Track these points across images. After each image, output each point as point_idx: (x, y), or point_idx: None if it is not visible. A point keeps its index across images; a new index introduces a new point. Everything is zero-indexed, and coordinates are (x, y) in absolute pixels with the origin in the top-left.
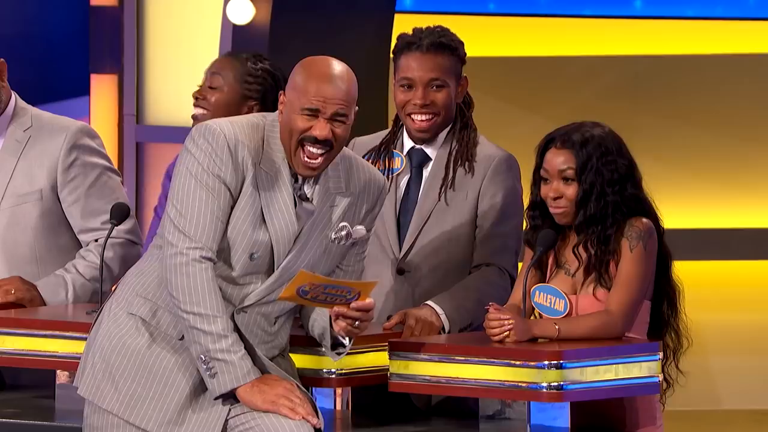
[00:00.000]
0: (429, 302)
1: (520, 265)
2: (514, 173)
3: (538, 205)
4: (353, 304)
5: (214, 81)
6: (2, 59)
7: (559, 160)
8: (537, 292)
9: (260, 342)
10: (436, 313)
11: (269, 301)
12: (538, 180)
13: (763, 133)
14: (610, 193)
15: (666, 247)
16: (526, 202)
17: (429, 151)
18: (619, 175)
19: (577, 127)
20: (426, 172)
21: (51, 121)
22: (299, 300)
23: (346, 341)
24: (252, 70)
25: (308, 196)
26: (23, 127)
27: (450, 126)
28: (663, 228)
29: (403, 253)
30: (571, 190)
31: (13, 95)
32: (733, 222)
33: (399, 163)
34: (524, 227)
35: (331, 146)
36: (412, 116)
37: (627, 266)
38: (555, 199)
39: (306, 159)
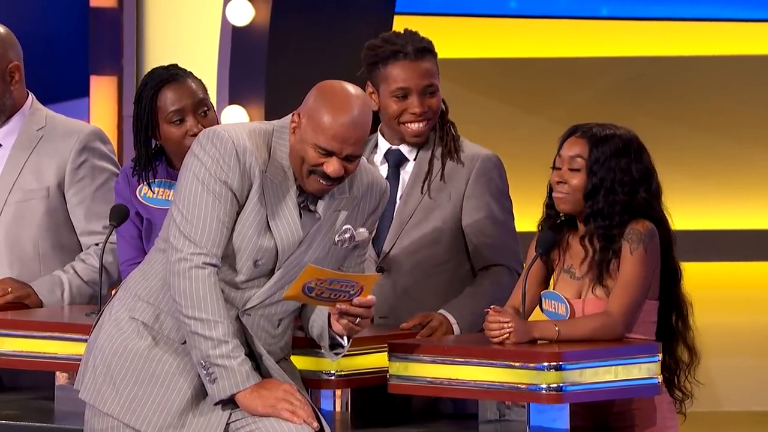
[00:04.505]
0: (442, 311)
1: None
2: (498, 171)
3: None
4: (355, 301)
5: None
6: (16, 63)
7: (572, 148)
8: (544, 299)
9: (264, 344)
10: (449, 321)
11: (272, 303)
12: (553, 168)
13: (764, 135)
14: (620, 193)
15: (675, 261)
16: (527, 202)
17: (406, 151)
18: (632, 178)
19: (601, 124)
20: (404, 173)
21: (64, 123)
22: (303, 298)
23: (344, 341)
24: None
25: (312, 208)
26: (37, 126)
27: None
28: (675, 240)
29: (384, 253)
30: (576, 180)
31: (30, 96)
32: (733, 223)
33: None
34: (540, 221)
35: (341, 180)
36: (409, 125)
37: (627, 268)
38: (558, 183)
39: (317, 185)
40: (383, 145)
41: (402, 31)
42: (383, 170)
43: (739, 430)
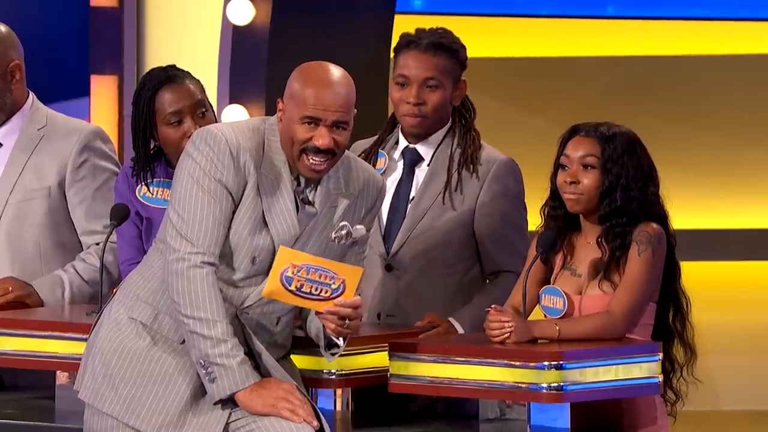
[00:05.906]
0: (450, 319)
1: None
2: (514, 176)
3: (557, 195)
4: (338, 301)
5: None
6: (17, 62)
7: (582, 147)
8: (543, 295)
9: (263, 343)
10: (457, 331)
11: (270, 301)
12: (557, 169)
13: (763, 134)
14: (634, 189)
15: (675, 259)
16: (528, 202)
17: (422, 150)
18: (643, 174)
19: (604, 123)
20: (419, 171)
21: (65, 122)
22: (284, 293)
23: (340, 341)
24: None
25: (310, 199)
26: (37, 126)
27: (448, 128)
28: (675, 240)
29: (393, 251)
30: (589, 178)
31: (30, 95)
32: (732, 223)
33: (383, 163)
34: (539, 223)
35: (333, 154)
36: (404, 118)
37: (634, 269)
38: (571, 183)
39: (310, 164)
40: (402, 142)
41: (434, 27)
42: (401, 166)
43: (737, 430)
